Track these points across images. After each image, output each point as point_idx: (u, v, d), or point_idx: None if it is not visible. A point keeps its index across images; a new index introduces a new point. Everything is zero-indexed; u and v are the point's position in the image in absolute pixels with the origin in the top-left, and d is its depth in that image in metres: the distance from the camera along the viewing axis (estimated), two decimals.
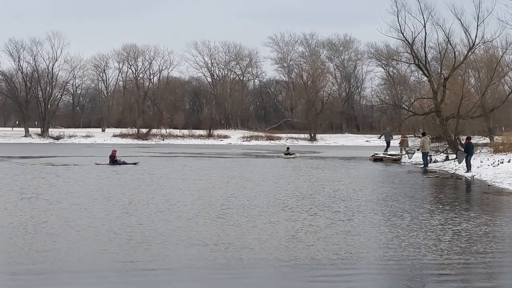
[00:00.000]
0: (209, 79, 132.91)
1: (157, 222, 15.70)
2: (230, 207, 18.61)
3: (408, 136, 51.96)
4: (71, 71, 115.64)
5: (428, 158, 41.12)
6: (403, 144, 50.31)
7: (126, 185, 25.47)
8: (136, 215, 16.75)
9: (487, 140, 49.34)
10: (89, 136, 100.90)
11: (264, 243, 13.11)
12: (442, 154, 44.26)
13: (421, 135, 42.45)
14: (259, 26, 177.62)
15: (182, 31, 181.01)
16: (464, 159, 34.34)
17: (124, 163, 37.34)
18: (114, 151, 38.64)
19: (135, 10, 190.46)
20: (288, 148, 55.69)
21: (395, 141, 53.39)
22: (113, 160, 37.26)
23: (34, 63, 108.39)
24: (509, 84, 57.13)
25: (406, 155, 47.13)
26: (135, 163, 37.78)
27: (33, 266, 11.04)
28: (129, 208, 18.27)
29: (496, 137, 49.63)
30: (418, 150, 42.76)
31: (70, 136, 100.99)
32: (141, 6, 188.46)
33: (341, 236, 13.99)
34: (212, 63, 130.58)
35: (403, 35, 46.88)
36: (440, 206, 19.44)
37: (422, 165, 39.38)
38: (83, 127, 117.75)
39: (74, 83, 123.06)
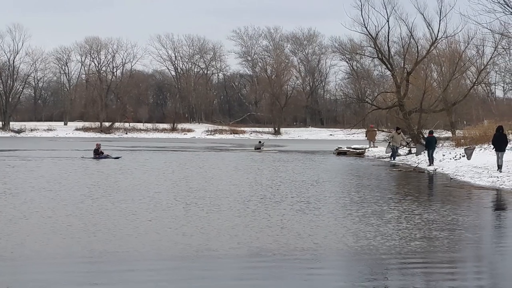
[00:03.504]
0: (173, 73, 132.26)
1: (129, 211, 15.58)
2: (200, 197, 18.54)
3: (376, 129, 51.95)
4: (33, 64, 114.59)
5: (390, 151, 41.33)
6: (370, 137, 50.42)
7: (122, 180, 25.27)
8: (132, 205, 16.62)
9: (449, 134, 49.77)
10: (51, 130, 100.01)
11: (230, 234, 13.00)
12: (404, 148, 44.53)
13: (395, 130, 41.60)
14: (223, 21, 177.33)
15: (145, 24, 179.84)
16: (426, 152, 34.60)
17: (107, 156, 37.48)
18: (98, 145, 38.95)
19: (97, 3, 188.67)
20: (260, 141, 56.04)
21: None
22: (97, 154, 37.50)
23: None
24: (470, 79, 57.69)
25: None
26: (117, 157, 37.68)
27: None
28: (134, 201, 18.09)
29: (458, 131, 50.11)
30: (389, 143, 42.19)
31: (31, 130, 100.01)
32: None
33: (303, 225, 13.93)
34: (175, 57, 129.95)
35: (367, 30, 47.01)
36: (402, 198, 19.51)
37: (389, 159, 39.57)
38: (45, 121, 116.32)
39: (35, 76, 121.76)
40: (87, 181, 24.00)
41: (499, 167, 27.01)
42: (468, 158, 29.89)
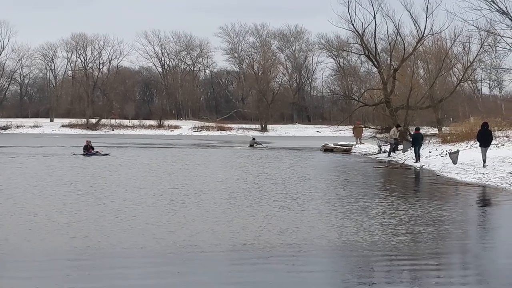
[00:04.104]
0: (160, 69, 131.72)
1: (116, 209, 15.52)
2: (187, 194, 18.50)
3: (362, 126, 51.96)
4: (19, 60, 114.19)
5: (378, 148, 41.39)
6: (357, 133, 50.41)
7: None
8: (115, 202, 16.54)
9: (435, 130, 49.88)
10: (37, 126, 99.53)
11: (213, 230, 12.96)
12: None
13: (395, 126, 41.50)
14: (209, 18, 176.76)
15: (131, 20, 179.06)
16: (413, 149, 34.68)
17: (97, 153, 37.80)
18: (88, 141, 39.52)
19: None
20: (254, 138, 57.24)
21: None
22: (87, 150, 37.97)
23: None
24: (457, 76, 57.82)
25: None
26: (106, 154, 37.93)
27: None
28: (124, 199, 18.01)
29: (444, 127, 50.26)
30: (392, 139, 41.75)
31: (17, 126, 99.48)
32: None
33: (288, 221, 13.91)
34: (162, 53, 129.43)
35: (354, 26, 46.90)
36: (388, 194, 19.53)
37: (387, 154, 39.67)
38: (31, 117, 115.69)
39: (21, 73, 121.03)
40: (73, 177, 23.93)
41: (484, 162, 27.29)
42: (454, 162, 29.94)
